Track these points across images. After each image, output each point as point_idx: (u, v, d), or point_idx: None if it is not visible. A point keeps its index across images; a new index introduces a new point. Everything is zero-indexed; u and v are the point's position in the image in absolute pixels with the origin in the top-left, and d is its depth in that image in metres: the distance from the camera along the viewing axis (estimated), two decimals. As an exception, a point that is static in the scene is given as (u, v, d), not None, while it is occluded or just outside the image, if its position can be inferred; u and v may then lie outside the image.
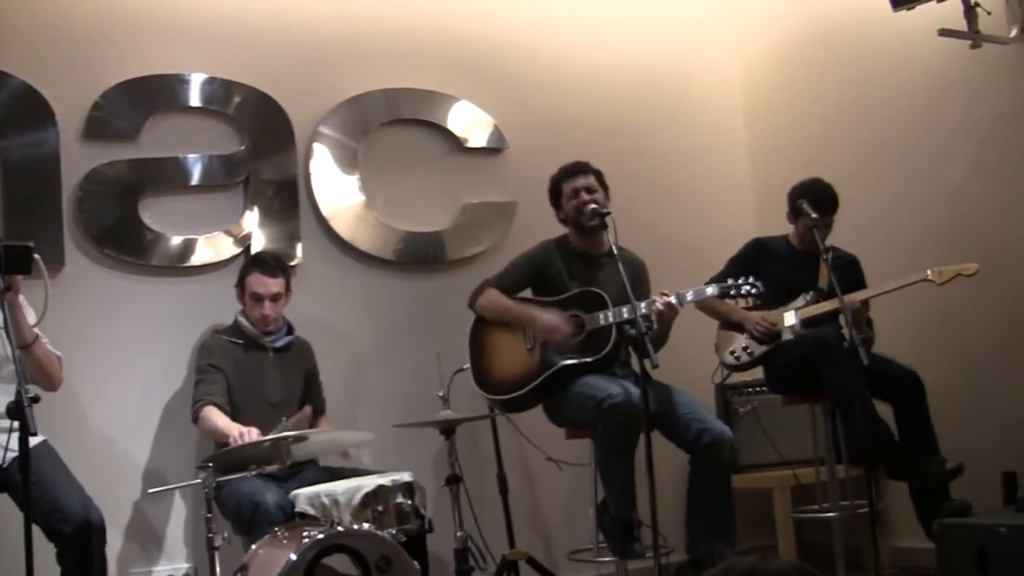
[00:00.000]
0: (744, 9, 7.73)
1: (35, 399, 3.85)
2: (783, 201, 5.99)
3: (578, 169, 5.80)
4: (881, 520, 6.06)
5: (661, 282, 5.73)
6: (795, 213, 5.89)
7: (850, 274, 5.85)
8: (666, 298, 5.31)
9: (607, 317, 5.46)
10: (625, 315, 5.34)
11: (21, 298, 4.60)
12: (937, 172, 6.38)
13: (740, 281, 5.35)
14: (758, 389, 6.62)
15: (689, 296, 5.40)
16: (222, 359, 5.53)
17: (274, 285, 5.59)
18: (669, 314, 5.36)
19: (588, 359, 5.49)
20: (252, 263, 5.72)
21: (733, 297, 5.46)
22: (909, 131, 6.54)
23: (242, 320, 5.65)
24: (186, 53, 6.09)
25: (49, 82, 5.69)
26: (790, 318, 5.82)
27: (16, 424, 3.82)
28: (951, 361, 6.22)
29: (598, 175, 5.80)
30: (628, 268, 5.27)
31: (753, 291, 5.34)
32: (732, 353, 6.00)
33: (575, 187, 5.76)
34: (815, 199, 5.75)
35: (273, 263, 5.70)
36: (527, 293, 5.86)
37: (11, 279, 4.42)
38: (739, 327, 5.98)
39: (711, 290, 5.43)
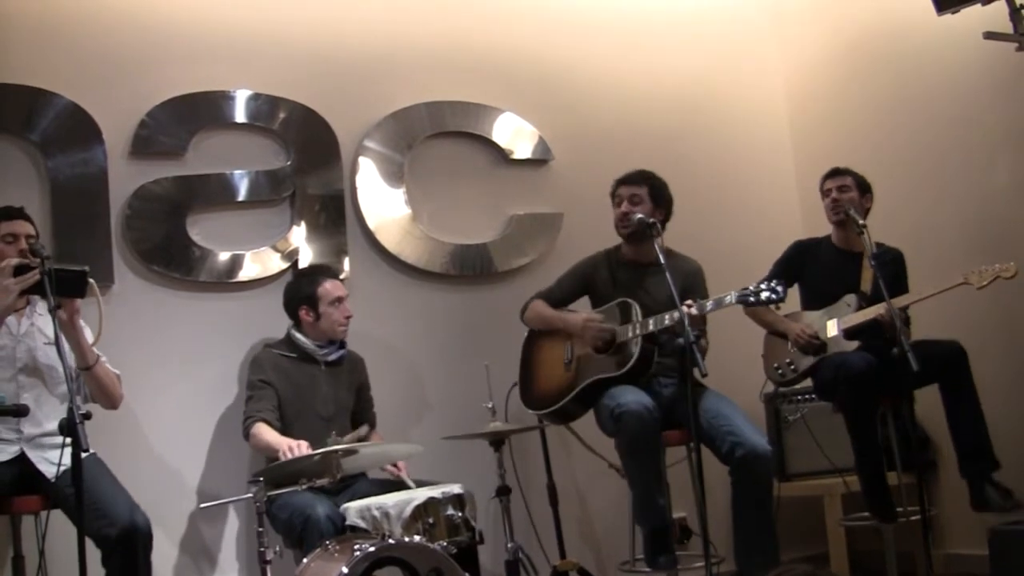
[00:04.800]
0: (788, 15, 7.70)
1: (87, 416, 3.88)
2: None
3: (627, 178, 5.80)
4: (933, 527, 6.01)
5: (710, 290, 5.71)
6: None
7: (894, 272, 5.77)
8: (689, 308, 5.19)
9: (634, 329, 5.47)
10: (651, 327, 5.36)
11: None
12: (985, 175, 6.33)
13: (761, 287, 5.17)
14: (807, 397, 6.54)
15: (709, 306, 5.29)
16: (273, 373, 5.55)
17: (343, 287, 5.75)
18: (693, 324, 5.24)
19: (613, 374, 5.52)
20: (317, 274, 5.79)
21: (752, 304, 5.33)
22: (956, 135, 6.49)
23: (296, 334, 5.68)
24: (231, 70, 6.13)
25: (96, 101, 5.74)
26: (832, 328, 5.77)
27: (68, 440, 3.85)
28: (1013, 356, 6.18)
29: (652, 186, 5.74)
30: (678, 276, 5.30)
31: (774, 297, 5.16)
32: (777, 369, 5.96)
33: (619, 195, 5.77)
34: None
35: (334, 269, 5.92)
36: (583, 305, 5.90)
37: (66, 301, 4.47)
38: (785, 336, 5.95)
39: (729, 298, 5.27)
